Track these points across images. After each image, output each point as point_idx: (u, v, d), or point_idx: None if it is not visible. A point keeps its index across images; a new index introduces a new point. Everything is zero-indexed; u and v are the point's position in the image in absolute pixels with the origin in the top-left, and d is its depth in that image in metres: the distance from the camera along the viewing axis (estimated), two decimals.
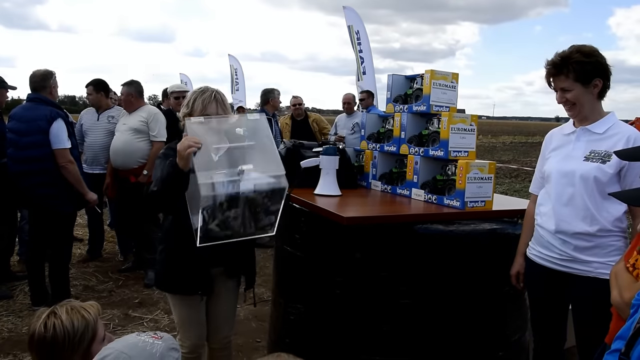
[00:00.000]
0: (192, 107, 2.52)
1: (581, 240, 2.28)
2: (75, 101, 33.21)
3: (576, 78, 2.27)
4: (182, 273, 2.58)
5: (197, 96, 2.54)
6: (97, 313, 1.76)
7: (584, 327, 2.37)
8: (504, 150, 27.66)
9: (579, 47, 2.29)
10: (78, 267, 5.64)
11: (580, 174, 2.27)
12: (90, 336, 1.70)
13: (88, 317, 1.71)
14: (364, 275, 2.54)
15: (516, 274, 2.62)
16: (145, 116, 5.14)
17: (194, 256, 2.42)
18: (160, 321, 4.38)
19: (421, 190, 2.94)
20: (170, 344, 1.63)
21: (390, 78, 3.26)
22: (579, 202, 2.28)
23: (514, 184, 13.24)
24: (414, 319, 2.54)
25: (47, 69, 4.40)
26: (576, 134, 2.38)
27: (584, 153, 2.32)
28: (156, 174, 2.44)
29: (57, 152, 4.19)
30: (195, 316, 2.69)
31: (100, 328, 1.75)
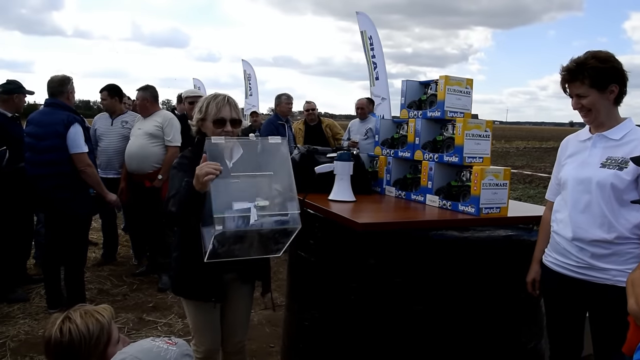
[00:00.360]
0: (206, 112, 2.53)
1: (598, 248, 2.26)
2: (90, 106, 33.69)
3: (592, 84, 2.25)
4: (196, 279, 2.59)
5: (210, 100, 2.56)
6: (111, 316, 1.78)
7: (601, 336, 2.35)
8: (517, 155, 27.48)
9: (595, 53, 2.28)
10: (93, 271, 5.69)
11: (597, 181, 2.25)
12: (106, 339, 1.72)
13: (102, 320, 1.73)
14: (378, 282, 2.53)
15: (532, 281, 2.60)
16: (160, 121, 5.18)
17: (207, 263, 2.40)
18: (174, 325, 4.40)
19: (435, 196, 2.93)
20: (184, 350, 1.64)
21: (405, 84, 3.27)
22: (596, 210, 2.26)
23: (527, 190, 13.15)
24: (428, 326, 2.53)
25: (64, 75, 4.46)
26: (592, 141, 2.36)
27: (600, 160, 2.29)
28: (172, 186, 2.45)
29: (75, 156, 4.24)
30: (210, 321, 2.71)
31: (115, 330, 1.77)
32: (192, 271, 2.59)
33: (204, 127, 2.57)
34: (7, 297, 4.75)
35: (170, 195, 2.40)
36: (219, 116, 2.51)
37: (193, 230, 2.43)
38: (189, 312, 2.74)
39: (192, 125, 2.64)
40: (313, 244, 2.81)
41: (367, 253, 2.54)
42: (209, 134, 2.52)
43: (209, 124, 2.53)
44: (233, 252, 2.28)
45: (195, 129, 2.64)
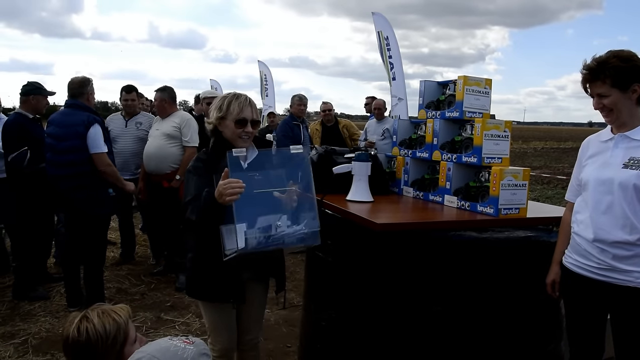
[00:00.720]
0: (227, 110, 2.52)
1: (620, 249, 2.22)
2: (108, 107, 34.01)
3: (613, 84, 2.22)
4: (214, 281, 2.59)
5: (231, 100, 2.55)
6: (128, 315, 1.80)
7: (623, 339, 2.32)
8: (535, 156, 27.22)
9: (617, 52, 2.24)
10: (111, 270, 5.75)
11: (619, 182, 2.22)
12: (123, 338, 1.73)
13: (119, 320, 1.75)
14: (396, 282, 2.53)
15: (552, 283, 2.57)
16: (178, 122, 5.22)
17: (224, 264, 2.40)
18: (191, 324, 4.43)
19: (454, 197, 2.92)
20: (202, 349, 1.65)
21: (423, 84, 3.26)
22: (618, 211, 2.22)
23: (546, 191, 13.02)
24: (447, 326, 2.52)
25: (84, 76, 4.52)
26: (614, 141, 2.33)
27: (622, 160, 2.26)
28: (188, 190, 2.45)
29: (95, 157, 4.30)
30: (226, 321, 2.72)
31: (132, 330, 1.79)
32: (209, 272, 2.59)
33: (222, 126, 2.55)
34: (28, 295, 4.83)
35: (187, 200, 2.40)
36: (241, 116, 2.51)
37: (210, 231, 2.43)
38: (206, 312, 2.75)
39: (209, 123, 2.62)
40: (331, 244, 2.82)
41: (384, 253, 2.54)
42: (227, 133, 2.54)
43: (230, 123, 2.52)
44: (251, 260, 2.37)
45: (211, 127, 2.61)
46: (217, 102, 2.61)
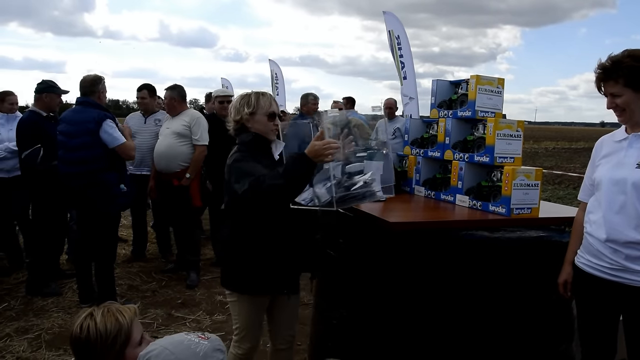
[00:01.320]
0: (257, 106, 2.61)
1: (633, 250, 2.21)
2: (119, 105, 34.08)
3: (626, 83, 2.21)
4: (266, 272, 2.59)
5: (258, 96, 2.64)
6: (133, 317, 1.78)
7: (635, 340, 2.31)
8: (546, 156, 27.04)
9: (631, 52, 2.23)
10: (123, 267, 5.79)
11: (633, 182, 2.21)
12: (123, 339, 1.72)
13: (122, 320, 1.74)
14: (408, 281, 2.53)
15: (564, 283, 2.56)
16: (188, 120, 5.24)
17: (278, 256, 2.53)
18: (202, 322, 4.45)
19: (466, 196, 2.91)
20: (216, 345, 1.65)
21: (435, 83, 3.25)
22: (631, 211, 2.21)
23: (557, 191, 12.94)
24: (458, 325, 2.51)
25: (96, 75, 4.55)
26: (628, 141, 2.31)
27: (636, 160, 2.25)
28: (243, 173, 2.41)
29: (119, 149, 4.40)
30: (261, 319, 2.75)
31: (136, 332, 1.77)
32: (261, 263, 2.58)
33: (252, 121, 2.61)
34: (41, 291, 4.87)
35: (256, 177, 2.34)
36: (271, 110, 2.63)
37: (266, 221, 2.52)
38: (242, 309, 2.70)
39: (235, 120, 2.66)
40: (342, 243, 2.82)
41: (396, 252, 2.55)
42: (259, 127, 2.61)
43: (262, 117, 2.61)
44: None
45: (237, 126, 2.67)
46: (240, 100, 2.66)
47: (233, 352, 2.75)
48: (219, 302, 4.88)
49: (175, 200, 5.29)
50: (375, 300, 2.63)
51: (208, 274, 5.67)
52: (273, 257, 2.57)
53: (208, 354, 1.60)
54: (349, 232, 2.79)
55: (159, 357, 1.58)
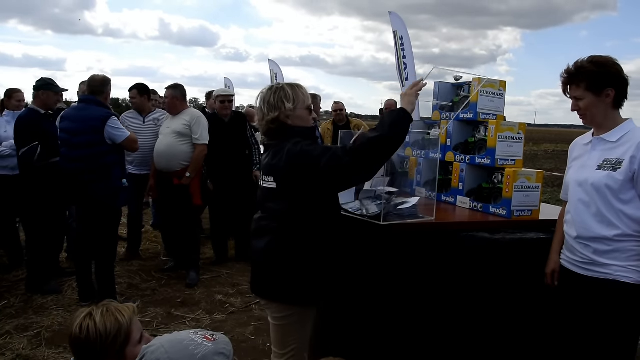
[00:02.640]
0: (297, 99, 2.37)
1: (600, 244, 2.30)
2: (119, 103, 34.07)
3: (587, 87, 2.32)
4: (329, 280, 2.44)
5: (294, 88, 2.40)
6: (132, 316, 1.77)
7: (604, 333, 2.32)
8: (545, 158, 27.06)
9: (593, 57, 2.34)
10: (123, 266, 5.79)
11: (592, 183, 2.31)
12: (123, 339, 1.72)
13: (122, 320, 1.73)
14: (407, 281, 2.54)
15: (551, 272, 2.59)
16: (188, 119, 5.24)
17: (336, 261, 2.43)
18: (202, 321, 4.45)
19: (466, 198, 2.92)
20: (221, 348, 1.59)
21: (437, 85, 3.26)
22: (594, 209, 2.31)
23: (556, 193, 12.94)
24: (458, 326, 2.52)
25: (105, 75, 4.58)
26: (592, 144, 2.43)
27: (597, 162, 2.35)
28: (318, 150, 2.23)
29: (126, 144, 4.50)
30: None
31: (136, 331, 1.76)
32: (328, 270, 2.42)
33: (293, 118, 2.36)
34: (41, 289, 4.87)
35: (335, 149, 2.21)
36: (308, 102, 2.44)
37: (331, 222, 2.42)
38: (307, 322, 2.46)
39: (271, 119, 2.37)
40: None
41: (395, 253, 2.55)
42: (299, 121, 2.38)
43: (302, 112, 2.39)
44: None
45: (274, 125, 2.37)
46: (273, 95, 2.39)
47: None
48: (219, 302, 4.88)
49: (176, 199, 5.30)
50: (373, 300, 2.64)
51: (208, 273, 5.67)
52: (328, 262, 2.40)
53: (207, 357, 1.54)
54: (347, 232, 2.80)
55: (154, 354, 1.57)
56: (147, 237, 6.93)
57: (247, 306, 4.78)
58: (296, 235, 2.34)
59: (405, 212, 2.57)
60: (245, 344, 4.02)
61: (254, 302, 4.78)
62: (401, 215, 2.55)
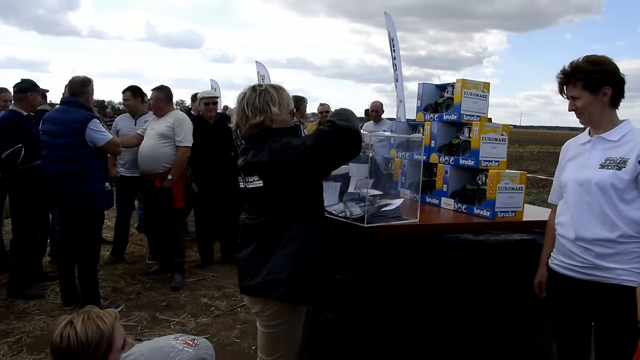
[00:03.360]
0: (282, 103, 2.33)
1: (602, 247, 2.27)
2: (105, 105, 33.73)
3: (584, 86, 2.31)
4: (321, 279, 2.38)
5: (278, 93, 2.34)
6: (114, 322, 1.73)
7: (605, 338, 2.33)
8: (531, 160, 27.29)
9: (589, 57, 2.34)
10: (107, 269, 5.73)
11: (596, 182, 2.28)
12: (105, 347, 1.68)
13: (104, 327, 1.69)
14: (393, 284, 2.53)
15: (538, 284, 2.59)
16: (172, 121, 5.20)
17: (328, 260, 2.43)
18: (187, 324, 4.42)
19: (451, 199, 2.93)
20: (202, 353, 1.60)
21: (421, 87, 3.27)
22: (597, 210, 2.28)
23: (541, 194, 13.05)
24: (443, 328, 2.52)
25: (86, 76, 4.52)
26: (591, 143, 2.40)
27: (599, 161, 2.33)
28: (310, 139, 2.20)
29: (107, 147, 4.40)
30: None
31: (118, 337, 1.72)
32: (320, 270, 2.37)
33: (278, 122, 2.32)
34: (23, 294, 4.79)
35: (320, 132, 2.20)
36: (292, 106, 2.40)
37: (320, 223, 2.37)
38: (298, 323, 2.43)
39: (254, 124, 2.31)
40: None
41: (381, 255, 2.55)
42: (283, 126, 2.34)
43: (287, 116, 2.36)
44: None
45: (258, 130, 2.32)
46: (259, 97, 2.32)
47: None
48: (204, 305, 4.85)
49: (159, 202, 5.26)
50: (360, 304, 2.63)
51: (193, 276, 5.63)
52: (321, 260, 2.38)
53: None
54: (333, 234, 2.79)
55: None
56: (132, 240, 6.86)
57: (232, 309, 4.75)
58: (286, 234, 2.28)
59: (389, 214, 2.57)
60: (231, 347, 4.00)
61: (239, 305, 4.75)
62: (385, 217, 2.55)
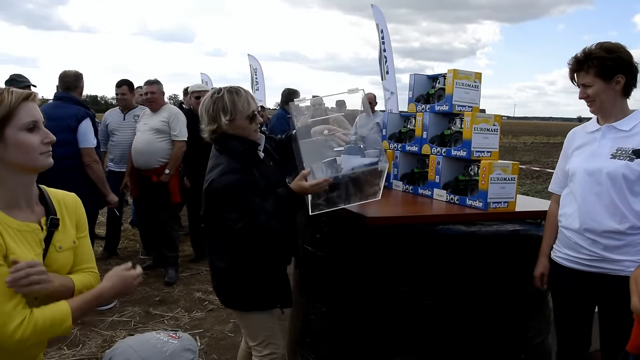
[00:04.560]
0: (236, 111, 2.37)
1: (611, 239, 2.24)
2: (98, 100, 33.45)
3: (597, 74, 2.26)
4: (266, 286, 2.53)
5: (233, 98, 2.38)
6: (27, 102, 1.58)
7: (610, 329, 2.33)
8: (524, 150, 27.36)
9: (602, 43, 2.29)
10: (99, 265, 5.62)
11: (607, 172, 2.24)
12: (4, 114, 1.53)
13: (6, 98, 1.55)
14: (386, 276, 2.52)
15: (540, 276, 2.58)
16: (166, 116, 5.18)
17: (273, 267, 2.52)
18: (180, 319, 4.41)
19: (443, 190, 2.91)
20: (186, 344, 1.63)
21: (413, 78, 3.25)
22: (607, 200, 2.24)
23: (535, 185, 13.09)
24: (435, 320, 2.52)
25: (77, 71, 4.48)
26: (601, 132, 2.35)
27: (610, 151, 2.28)
28: (238, 203, 2.32)
29: (83, 151, 4.27)
30: (277, 325, 2.70)
31: (25, 116, 1.57)
32: (261, 278, 2.51)
33: (233, 128, 2.40)
34: None
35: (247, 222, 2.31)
36: (250, 111, 2.41)
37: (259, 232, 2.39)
38: (259, 323, 2.59)
39: (211, 130, 2.43)
40: (320, 238, 2.81)
41: (374, 247, 2.54)
42: (241, 132, 2.42)
43: (243, 122, 2.40)
44: (333, 200, 2.38)
45: (215, 136, 2.44)
46: (213, 106, 2.40)
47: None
48: (197, 299, 4.84)
49: (154, 197, 5.24)
50: (353, 296, 2.62)
51: (186, 270, 5.62)
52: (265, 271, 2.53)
53: (176, 354, 1.57)
54: (325, 227, 2.77)
55: (122, 356, 1.55)
56: (125, 235, 6.85)
57: None
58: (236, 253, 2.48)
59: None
60: (224, 342, 3.99)
61: None
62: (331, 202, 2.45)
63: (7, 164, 1.56)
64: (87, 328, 4.14)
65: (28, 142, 1.57)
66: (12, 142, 1.55)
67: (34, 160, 1.59)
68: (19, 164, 1.58)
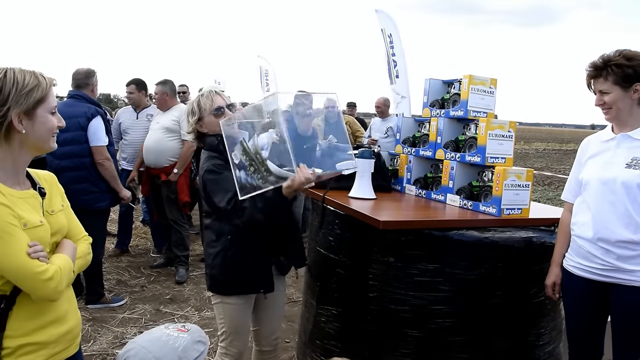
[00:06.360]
0: (200, 110, 2.58)
1: (624, 249, 2.23)
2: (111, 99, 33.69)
3: (615, 81, 2.24)
4: (245, 272, 2.55)
5: (198, 99, 2.61)
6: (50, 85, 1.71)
7: (622, 337, 2.32)
8: (536, 157, 27.21)
9: (622, 51, 2.26)
10: (111, 262, 5.76)
11: (622, 181, 2.22)
12: (39, 96, 1.65)
13: (42, 80, 1.67)
14: (397, 280, 2.53)
15: (552, 285, 2.57)
16: (177, 115, 5.21)
17: (256, 254, 2.52)
18: (190, 317, 4.43)
19: (456, 196, 2.91)
20: (197, 336, 1.64)
21: (428, 82, 3.25)
22: (621, 210, 2.23)
23: (547, 192, 13.02)
24: (446, 325, 2.51)
25: (89, 67, 4.51)
26: (617, 141, 2.33)
27: (625, 160, 2.26)
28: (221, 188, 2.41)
29: (94, 149, 4.29)
30: (247, 322, 2.70)
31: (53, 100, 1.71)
32: (241, 264, 2.54)
33: (204, 126, 2.59)
34: None
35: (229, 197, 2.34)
36: (214, 107, 2.56)
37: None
38: (227, 312, 2.63)
39: (189, 132, 2.67)
40: (332, 241, 2.82)
41: (387, 251, 2.54)
42: (213, 128, 2.54)
43: (209, 118, 2.56)
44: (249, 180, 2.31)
45: (192, 135, 2.66)
46: (186, 108, 2.68)
47: (220, 358, 2.69)
48: (208, 298, 4.85)
49: (164, 195, 5.28)
50: (365, 299, 2.63)
51: (197, 269, 5.64)
52: (245, 255, 2.53)
53: (188, 347, 1.59)
54: (338, 230, 2.78)
55: (137, 357, 1.56)
56: (136, 233, 6.89)
57: None
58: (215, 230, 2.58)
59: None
60: None
61: None
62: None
63: (25, 143, 1.69)
64: (98, 324, 4.18)
65: (51, 123, 1.72)
66: (40, 121, 1.68)
67: (49, 140, 1.74)
68: (37, 142, 1.72)
